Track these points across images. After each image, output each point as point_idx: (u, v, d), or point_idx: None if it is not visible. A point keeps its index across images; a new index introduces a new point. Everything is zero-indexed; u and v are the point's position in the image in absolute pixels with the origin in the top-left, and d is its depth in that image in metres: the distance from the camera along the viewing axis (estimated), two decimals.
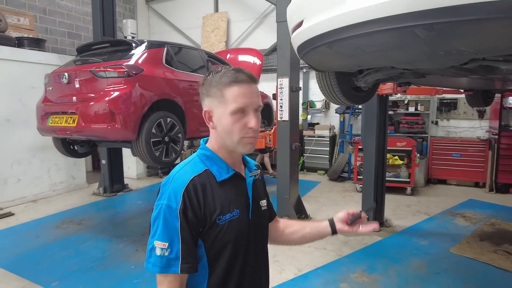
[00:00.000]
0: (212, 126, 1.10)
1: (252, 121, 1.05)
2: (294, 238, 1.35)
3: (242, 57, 6.51)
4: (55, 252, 3.83)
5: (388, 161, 6.25)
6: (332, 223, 1.28)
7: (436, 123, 7.25)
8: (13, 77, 5.43)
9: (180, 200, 1.00)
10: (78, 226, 4.64)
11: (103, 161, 6.20)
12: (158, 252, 1.00)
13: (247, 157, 1.25)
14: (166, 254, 0.99)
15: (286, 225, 1.38)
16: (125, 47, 4.00)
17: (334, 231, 1.28)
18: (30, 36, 6.21)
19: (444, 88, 4.81)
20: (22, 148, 5.61)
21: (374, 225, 1.25)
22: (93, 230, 4.50)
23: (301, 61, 4.89)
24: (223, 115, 1.05)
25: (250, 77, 1.06)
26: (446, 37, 1.24)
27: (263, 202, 1.22)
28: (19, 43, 5.78)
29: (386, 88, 4.06)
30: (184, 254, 1.00)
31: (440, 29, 1.17)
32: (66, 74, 3.78)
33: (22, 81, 5.53)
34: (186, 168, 1.09)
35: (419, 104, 7.21)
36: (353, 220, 1.25)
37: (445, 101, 7.08)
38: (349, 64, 2.09)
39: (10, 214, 5.07)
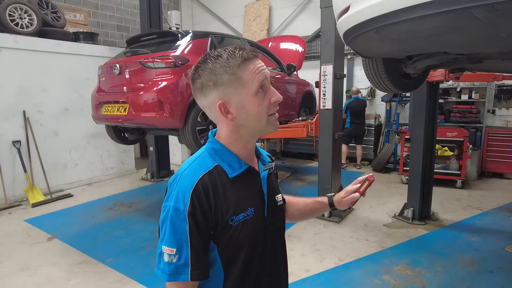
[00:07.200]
0: (230, 118, 0.96)
1: (275, 94, 0.98)
2: (296, 216, 1.35)
3: (284, 45, 6.44)
4: (109, 232, 4.14)
5: (437, 152, 5.94)
6: (331, 198, 1.32)
7: (493, 112, 6.71)
8: (71, 69, 5.85)
9: (188, 201, 0.90)
10: (128, 209, 4.95)
11: (151, 148, 6.52)
12: (166, 258, 0.91)
13: (259, 148, 1.16)
14: (174, 260, 0.90)
15: (290, 203, 1.34)
16: (172, 38, 4.10)
17: (331, 205, 1.31)
18: (85, 30, 6.63)
19: (505, 74, 4.44)
20: (78, 135, 6.06)
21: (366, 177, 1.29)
22: (142, 212, 4.78)
23: (345, 48, 4.76)
24: (246, 99, 0.94)
25: (254, 51, 0.96)
26: (509, 18, 1.15)
27: (279, 197, 1.13)
28: (75, 37, 6.18)
29: (436, 74, 3.83)
30: (194, 260, 0.90)
31: (503, 9, 1.09)
32: (117, 65, 3.96)
33: (78, 72, 5.94)
34: (195, 165, 0.98)
35: (473, 92, 6.70)
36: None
37: (504, 88, 6.50)
38: (398, 50, 2.01)
39: (69, 195, 5.55)
